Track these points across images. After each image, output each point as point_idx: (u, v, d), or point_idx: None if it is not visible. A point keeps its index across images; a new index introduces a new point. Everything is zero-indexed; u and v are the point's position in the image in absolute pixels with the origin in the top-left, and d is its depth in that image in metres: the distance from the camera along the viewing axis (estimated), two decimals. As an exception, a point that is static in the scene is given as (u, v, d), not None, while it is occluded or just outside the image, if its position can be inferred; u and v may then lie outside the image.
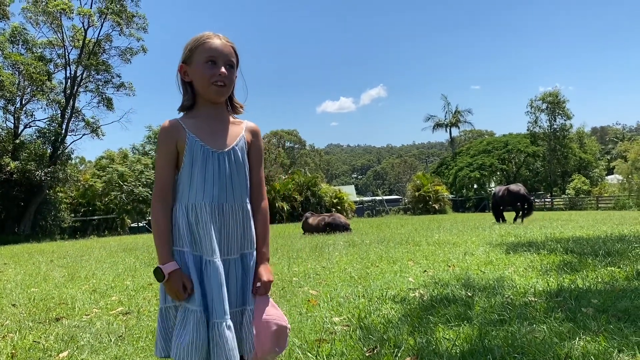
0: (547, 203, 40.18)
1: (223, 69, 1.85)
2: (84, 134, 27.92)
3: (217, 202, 1.84)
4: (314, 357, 2.81)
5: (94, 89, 28.14)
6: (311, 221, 14.46)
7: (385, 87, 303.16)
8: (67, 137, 27.11)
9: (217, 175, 1.85)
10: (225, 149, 1.88)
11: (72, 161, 30.49)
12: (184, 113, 1.95)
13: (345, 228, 13.88)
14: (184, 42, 1.94)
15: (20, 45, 26.03)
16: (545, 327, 3.00)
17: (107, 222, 30.73)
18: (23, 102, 26.06)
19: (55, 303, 4.93)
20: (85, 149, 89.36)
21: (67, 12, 25.55)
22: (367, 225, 18.05)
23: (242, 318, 1.89)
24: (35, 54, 26.08)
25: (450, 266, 5.88)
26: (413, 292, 4.43)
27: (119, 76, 28.41)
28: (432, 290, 4.40)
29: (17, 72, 24.58)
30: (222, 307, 1.77)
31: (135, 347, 3.23)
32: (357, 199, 47.59)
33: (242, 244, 1.91)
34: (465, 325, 3.19)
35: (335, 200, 31.43)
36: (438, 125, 54.15)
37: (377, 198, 49.14)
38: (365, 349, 2.86)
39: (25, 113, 26.26)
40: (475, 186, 48.48)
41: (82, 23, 26.65)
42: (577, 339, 2.75)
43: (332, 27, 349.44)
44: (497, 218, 16.37)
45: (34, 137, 26.42)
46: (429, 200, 34.88)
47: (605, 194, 37.34)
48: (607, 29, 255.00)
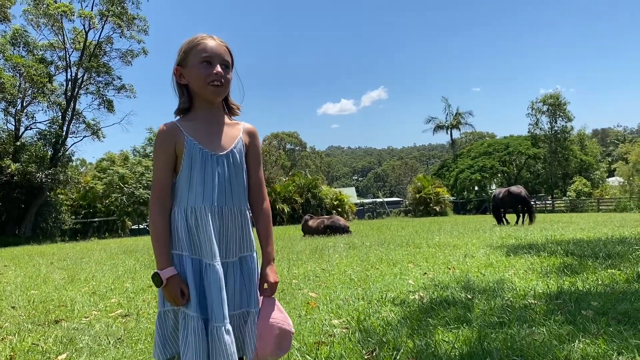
0: (548, 205, 40.13)
1: (219, 68, 1.85)
2: (84, 136, 28.03)
3: (216, 206, 1.84)
4: (313, 360, 2.80)
5: (94, 91, 28.22)
6: (311, 223, 14.48)
7: (386, 89, 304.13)
8: (68, 139, 27.23)
9: (216, 178, 1.84)
10: (224, 152, 1.88)
11: (73, 163, 30.55)
12: (180, 116, 1.94)
13: (344, 230, 13.89)
14: None
15: (21, 48, 26.11)
16: (544, 330, 2.99)
17: (107, 224, 30.75)
18: (24, 104, 26.12)
19: (54, 305, 4.93)
20: (86, 151, 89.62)
21: (68, 14, 25.62)
22: (367, 227, 18.04)
23: (246, 320, 1.89)
24: (36, 56, 26.15)
25: (450, 268, 5.87)
26: (413, 294, 4.42)
27: (119, 78, 28.51)
28: (431, 293, 4.39)
29: (18, 74, 24.65)
30: (222, 312, 1.76)
31: (134, 349, 3.22)
32: (358, 201, 47.61)
33: (241, 247, 1.91)
34: (464, 327, 3.18)
35: (335, 203, 31.45)
36: (439, 127, 54.08)
37: (378, 200, 49.08)
38: (364, 352, 2.85)
39: (26, 115, 26.33)
40: (476, 188, 48.42)
41: (83, 25, 26.76)
42: (576, 341, 2.74)
43: (333, 29, 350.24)
44: (498, 220, 16.37)
45: (34, 139, 26.47)
46: (429, 202, 34.85)
47: (606, 196, 37.30)
48: (608, 30, 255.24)
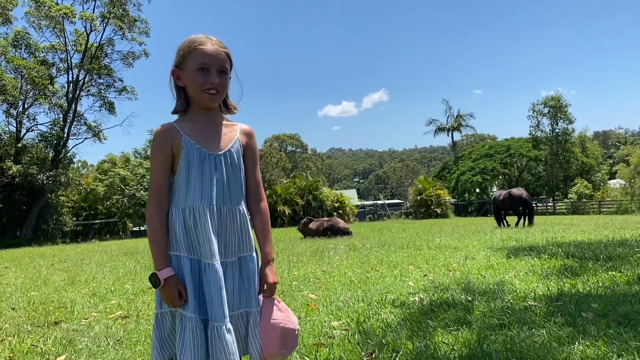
0: (549, 207, 40.08)
1: (216, 79, 1.83)
2: (86, 138, 28.13)
3: (215, 205, 1.83)
4: (312, 362, 2.79)
5: (96, 93, 28.31)
6: (311, 225, 14.45)
7: (387, 91, 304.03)
8: (69, 141, 27.32)
9: (214, 178, 1.84)
10: (221, 152, 1.87)
11: (74, 165, 30.65)
12: (177, 116, 1.94)
13: (344, 232, 13.82)
14: None
15: (23, 50, 26.20)
16: (544, 332, 2.98)
17: (108, 226, 30.80)
18: (25, 106, 26.20)
19: (54, 307, 4.92)
20: (87, 152, 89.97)
21: (69, 16, 25.70)
22: (368, 229, 18.02)
23: (247, 321, 1.89)
24: (38, 58, 26.23)
25: (450, 270, 5.86)
26: (413, 296, 4.41)
27: (121, 80, 28.61)
28: (432, 295, 4.38)
29: (19, 76, 24.72)
30: (222, 311, 1.76)
31: (133, 351, 3.22)
32: (359, 203, 47.62)
33: (240, 247, 1.90)
34: (464, 329, 3.17)
35: (336, 205, 31.44)
36: (440, 130, 54.08)
37: (379, 202, 49.06)
38: (364, 354, 2.85)
39: (27, 117, 26.41)
40: (477, 190, 48.43)
41: (85, 27, 26.86)
42: (576, 343, 2.73)
43: (334, 31, 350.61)
44: (499, 222, 16.35)
45: (36, 141, 26.55)
46: (430, 204, 34.84)
47: (607, 198, 37.28)
48: (609, 33, 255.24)
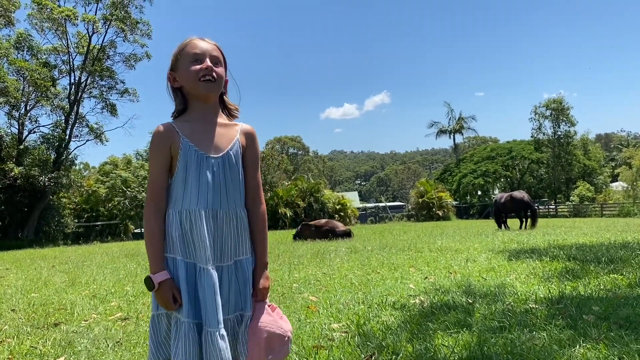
0: (551, 210, 40.02)
1: (208, 62, 1.84)
2: (87, 140, 28.14)
3: (211, 208, 1.81)
4: (311, 364, 2.78)
5: (97, 95, 28.33)
6: (306, 228, 14.36)
7: (389, 94, 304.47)
8: (71, 142, 27.32)
9: (211, 181, 1.81)
10: (219, 154, 1.85)
11: (76, 167, 30.71)
12: (177, 117, 1.93)
13: (342, 234, 13.64)
14: None
15: (25, 52, 26.25)
16: (545, 334, 2.96)
17: (110, 227, 30.79)
18: (27, 108, 26.24)
19: (54, 308, 4.92)
20: (89, 154, 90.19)
21: (71, 18, 25.75)
22: (369, 231, 18.00)
23: (240, 323, 1.86)
24: (40, 60, 26.29)
25: (451, 273, 5.84)
26: (413, 298, 4.39)
27: (122, 82, 28.64)
28: (432, 297, 4.36)
29: (21, 78, 24.76)
30: (216, 317, 1.73)
31: (132, 352, 3.21)
32: (361, 206, 47.54)
33: (237, 251, 1.88)
34: (464, 332, 3.16)
35: (338, 207, 31.40)
36: (442, 132, 54.07)
37: (381, 204, 48.99)
38: (363, 356, 2.84)
39: (29, 119, 26.45)
40: (479, 193, 48.36)
41: (87, 29, 26.91)
42: (577, 346, 2.72)
43: (336, 33, 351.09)
44: (499, 224, 16.32)
45: (38, 143, 26.58)
46: (432, 206, 34.81)
47: (609, 201, 37.22)
48: (611, 35, 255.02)
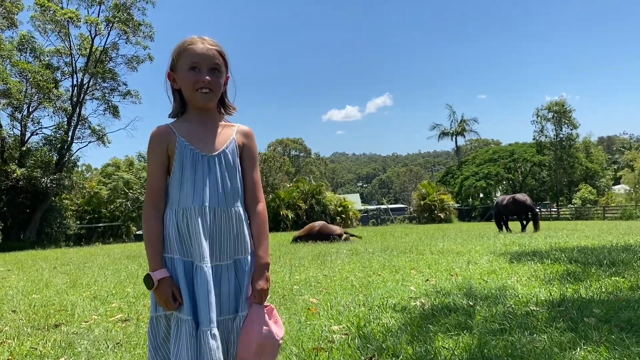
0: (553, 213, 39.94)
1: (207, 76, 1.82)
2: (90, 142, 28.23)
3: (207, 207, 1.80)
4: (311, 366, 2.78)
5: (100, 97, 28.43)
6: (301, 231, 14.29)
7: (391, 96, 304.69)
8: (73, 144, 27.43)
9: (207, 179, 1.82)
10: (215, 153, 1.85)
11: (78, 168, 30.79)
12: (175, 118, 1.94)
13: (340, 237, 13.47)
14: None
15: (28, 53, 26.36)
16: (545, 337, 2.95)
17: (112, 229, 30.84)
18: (30, 110, 26.33)
19: (55, 309, 4.92)
20: (91, 156, 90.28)
21: (74, 20, 25.84)
22: (371, 234, 17.98)
23: (234, 324, 1.84)
24: (43, 62, 26.38)
25: (453, 275, 5.83)
26: (414, 301, 4.38)
27: (125, 84, 28.73)
28: (433, 299, 4.35)
29: (24, 80, 24.83)
30: (208, 316, 1.72)
31: (132, 354, 3.21)
32: (362, 208, 47.54)
33: (235, 250, 1.87)
34: (465, 334, 3.15)
35: (339, 209, 31.35)
36: (444, 134, 54.01)
37: (382, 207, 49.04)
38: (363, 358, 2.83)
39: (32, 120, 26.54)
40: (481, 195, 48.29)
41: (89, 31, 27.01)
42: (577, 349, 2.71)
43: (338, 35, 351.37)
44: (500, 227, 16.26)
45: (40, 145, 26.68)
46: (434, 209, 34.76)
47: (612, 204, 37.12)
48: (613, 37, 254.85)
